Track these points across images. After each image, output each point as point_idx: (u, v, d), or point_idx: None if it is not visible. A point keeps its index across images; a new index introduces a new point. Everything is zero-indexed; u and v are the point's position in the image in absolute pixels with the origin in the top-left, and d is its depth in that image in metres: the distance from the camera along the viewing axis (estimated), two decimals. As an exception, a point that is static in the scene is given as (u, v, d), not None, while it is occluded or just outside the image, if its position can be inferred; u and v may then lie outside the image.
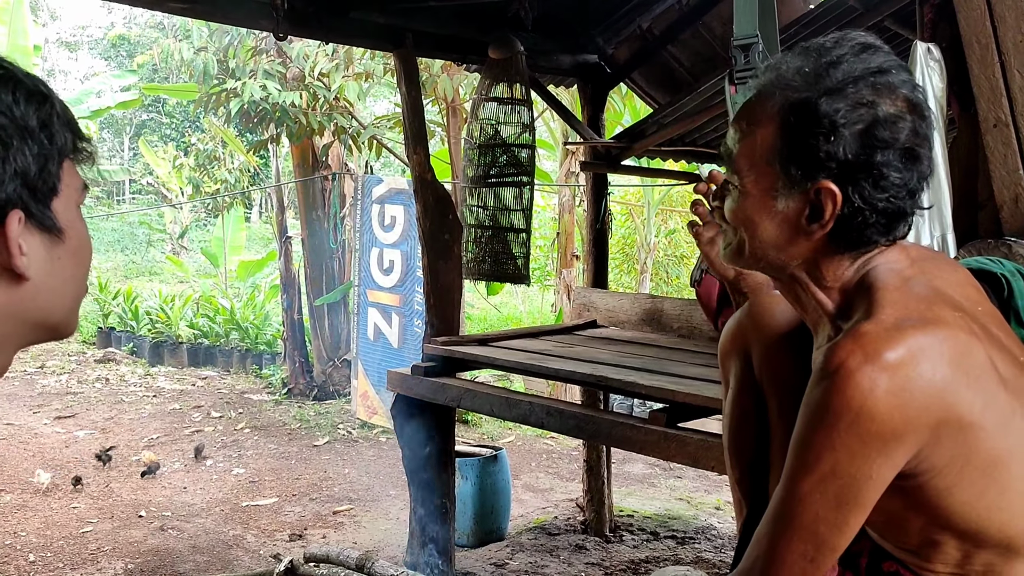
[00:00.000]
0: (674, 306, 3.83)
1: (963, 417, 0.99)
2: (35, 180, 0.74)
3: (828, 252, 1.10)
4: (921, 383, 0.98)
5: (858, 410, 0.97)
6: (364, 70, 6.81)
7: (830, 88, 1.05)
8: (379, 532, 4.54)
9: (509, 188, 3.69)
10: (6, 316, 0.75)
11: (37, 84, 0.77)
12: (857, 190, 1.05)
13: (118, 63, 19.10)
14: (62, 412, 6.92)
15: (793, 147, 1.07)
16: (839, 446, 0.99)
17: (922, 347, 0.99)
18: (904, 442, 0.99)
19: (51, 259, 0.77)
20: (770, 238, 1.12)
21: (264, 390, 7.88)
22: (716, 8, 3.94)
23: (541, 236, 9.80)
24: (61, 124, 0.77)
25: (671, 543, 4.37)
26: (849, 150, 1.04)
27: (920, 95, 1.08)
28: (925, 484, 1.03)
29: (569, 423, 2.88)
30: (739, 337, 1.38)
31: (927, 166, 1.08)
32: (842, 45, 1.08)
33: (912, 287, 1.07)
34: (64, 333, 0.83)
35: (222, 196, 11.36)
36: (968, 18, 2.13)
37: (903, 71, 1.08)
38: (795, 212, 1.08)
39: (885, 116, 1.03)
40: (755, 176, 1.11)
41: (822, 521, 1.02)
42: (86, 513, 4.71)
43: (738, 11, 2.11)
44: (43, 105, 0.76)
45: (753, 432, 1.37)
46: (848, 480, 1.00)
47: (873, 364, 0.97)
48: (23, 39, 8.09)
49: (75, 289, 0.81)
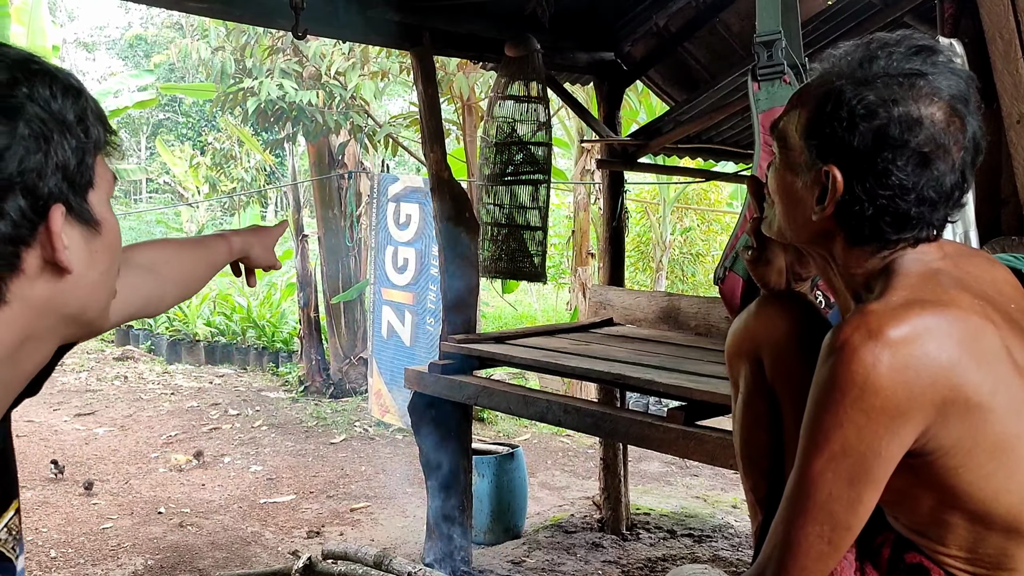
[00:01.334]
0: (691, 304, 3.82)
1: (970, 398, 1.00)
2: (74, 173, 0.74)
3: (849, 242, 1.13)
4: (926, 360, 0.99)
5: (862, 385, 0.99)
6: (380, 69, 6.82)
7: (861, 79, 1.09)
8: (396, 529, 4.56)
9: (525, 186, 3.69)
10: (49, 309, 0.76)
11: (70, 79, 0.77)
12: (859, 181, 1.08)
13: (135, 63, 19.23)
14: (81, 409, 6.98)
15: (817, 128, 1.12)
16: (846, 422, 1.01)
17: (928, 326, 1.00)
18: (910, 419, 1.00)
19: (89, 252, 0.77)
20: (789, 214, 1.18)
21: (281, 388, 7.91)
22: (733, 5, 3.92)
23: (556, 234, 9.80)
24: (95, 118, 0.78)
25: (688, 541, 4.36)
26: (860, 141, 1.07)
27: (960, 107, 1.08)
28: (933, 463, 1.03)
29: (586, 421, 2.88)
30: (748, 339, 1.36)
31: (948, 178, 1.08)
32: (899, 44, 1.11)
33: (935, 276, 1.09)
34: (99, 328, 0.83)
35: (238, 195, 11.42)
36: (991, 13, 2.11)
37: (950, 80, 1.08)
38: (808, 191, 1.14)
39: (902, 116, 1.06)
40: (787, 151, 1.17)
41: (836, 500, 1.03)
42: (106, 509, 4.75)
43: (761, 8, 2.10)
44: (78, 99, 0.76)
45: (767, 437, 1.35)
46: (858, 457, 1.01)
47: (876, 340, 0.99)
48: (42, 39, 8.15)
49: (109, 283, 0.81)
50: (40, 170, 0.71)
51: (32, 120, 0.71)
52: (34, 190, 0.71)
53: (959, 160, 1.08)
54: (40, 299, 0.74)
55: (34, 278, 0.73)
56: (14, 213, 0.70)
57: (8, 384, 0.78)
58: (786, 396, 1.31)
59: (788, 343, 1.30)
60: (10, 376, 0.77)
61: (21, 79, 0.72)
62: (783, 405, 1.32)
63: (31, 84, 0.72)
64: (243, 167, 11.72)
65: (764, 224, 1.27)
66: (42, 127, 0.72)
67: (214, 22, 6.79)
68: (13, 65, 0.73)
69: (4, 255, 0.71)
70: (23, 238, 0.71)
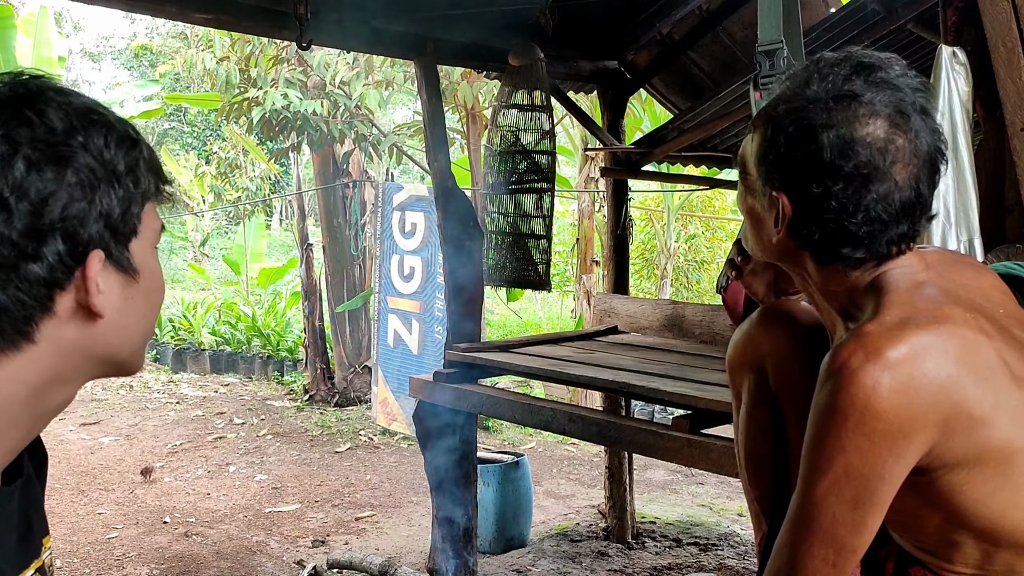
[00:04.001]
0: (695, 312, 3.82)
1: (972, 414, 0.99)
2: (117, 222, 0.76)
3: (817, 262, 1.13)
4: (925, 381, 0.98)
5: (863, 409, 0.98)
6: (384, 78, 6.84)
7: (798, 105, 1.09)
8: (401, 538, 4.55)
9: (529, 194, 3.69)
10: (78, 352, 0.76)
11: (127, 129, 0.79)
12: (803, 206, 1.09)
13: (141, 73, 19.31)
14: (87, 419, 6.99)
15: (764, 154, 1.13)
16: (849, 447, 1.00)
17: (925, 345, 1.00)
18: (913, 440, 0.99)
19: (125, 298, 0.78)
20: (756, 234, 1.20)
21: (286, 397, 7.92)
22: (736, 13, 3.92)
23: (560, 242, 9.79)
24: (147, 168, 0.79)
25: (694, 550, 4.34)
26: (798, 166, 1.08)
27: (901, 122, 1.06)
28: (937, 480, 1.03)
29: (592, 429, 2.87)
30: (750, 349, 1.35)
31: (896, 195, 1.06)
32: (840, 64, 1.10)
33: (923, 290, 1.08)
34: (130, 370, 0.84)
35: (243, 204, 11.44)
36: (994, 21, 2.11)
37: (892, 96, 1.07)
38: (767, 214, 1.14)
39: (835, 141, 1.05)
40: (745, 175, 1.18)
41: (840, 523, 1.02)
42: (112, 519, 4.75)
43: (762, 16, 2.10)
44: (132, 150, 0.78)
45: (771, 447, 1.34)
46: (862, 480, 1.00)
47: (875, 363, 0.98)
48: (48, 50, 8.20)
49: (144, 328, 0.82)
50: (83, 217, 0.73)
51: (81, 169, 0.73)
52: (74, 236, 0.72)
53: (909, 175, 1.06)
54: (70, 341, 0.75)
55: (66, 320, 0.74)
56: (51, 257, 0.71)
57: (32, 422, 0.78)
58: (790, 405, 1.31)
59: (791, 352, 1.30)
60: (35, 414, 0.77)
61: (78, 128, 0.74)
62: (787, 414, 1.32)
63: (87, 134, 0.74)
64: (248, 176, 11.76)
65: (744, 242, 1.28)
66: (90, 176, 0.74)
67: (219, 32, 6.82)
68: (74, 114, 0.74)
69: (38, 296, 0.72)
70: (58, 281, 0.72)
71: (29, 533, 0.85)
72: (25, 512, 0.84)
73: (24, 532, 0.84)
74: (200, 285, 13.85)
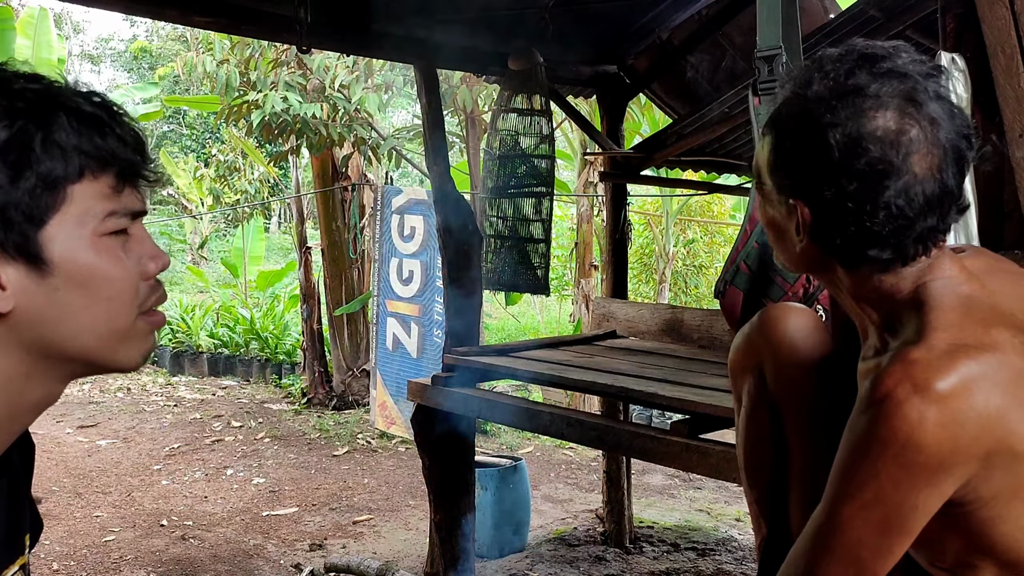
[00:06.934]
0: (694, 316, 3.82)
1: (1015, 447, 0.96)
2: (6, 209, 0.70)
3: (845, 267, 1.09)
4: (972, 415, 0.94)
5: (904, 442, 0.94)
6: (384, 82, 6.85)
7: (802, 107, 1.05)
8: (399, 542, 4.54)
9: (528, 199, 3.70)
10: (18, 348, 0.73)
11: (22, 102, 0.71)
12: (821, 210, 1.04)
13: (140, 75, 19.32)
14: (84, 421, 6.98)
15: (776, 162, 1.09)
16: (884, 476, 0.96)
17: (974, 377, 0.95)
18: (952, 473, 0.95)
19: (46, 290, 0.73)
20: (780, 245, 1.15)
21: (284, 400, 7.91)
22: (736, 19, 3.93)
23: (559, 246, 9.80)
24: (60, 146, 0.72)
25: (691, 555, 4.34)
26: (810, 171, 1.03)
27: (913, 110, 1.01)
28: (971, 514, 1.00)
29: (590, 434, 2.87)
30: (751, 352, 1.35)
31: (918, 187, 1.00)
32: (841, 59, 1.05)
33: (969, 307, 1.02)
34: (112, 366, 0.79)
35: (242, 207, 11.44)
36: (993, 27, 2.12)
37: (900, 85, 1.01)
38: (788, 222, 1.10)
39: (842, 140, 1.00)
40: (762, 186, 1.14)
41: (864, 546, 1.00)
42: (108, 522, 4.74)
43: (762, 22, 2.10)
44: (31, 124, 0.70)
45: (770, 450, 1.34)
46: (893, 508, 0.97)
47: (923, 396, 0.93)
48: (48, 52, 8.19)
49: (96, 320, 0.76)
50: None
51: None
52: None
53: (930, 166, 1.00)
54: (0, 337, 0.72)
55: None
56: None
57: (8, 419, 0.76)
58: (788, 409, 1.30)
59: (790, 356, 1.29)
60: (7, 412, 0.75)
61: None
62: (785, 418, 1.31)
63: None
64: (247, 179, 11.75)
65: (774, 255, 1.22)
66: None
67: (219, 35, 6.82)
68: None
69: None
70: None
71: (14, 530, 0.84)
72: (11, 509, 0.83)
73: (9, 529, 0.82)
74: (198, 288, 13.83)
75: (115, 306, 0.77)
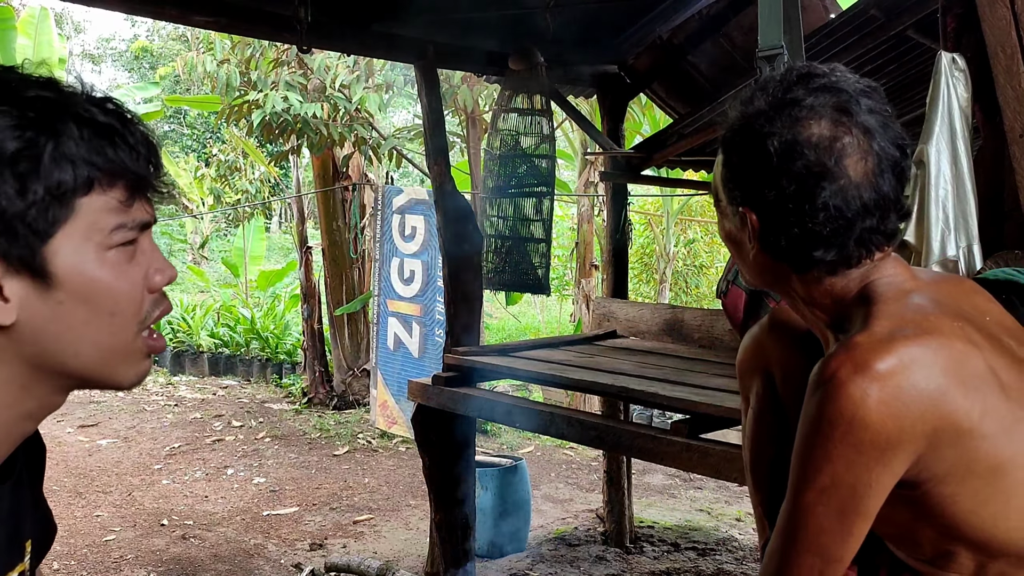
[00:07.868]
0: (694, 316, 3.82)
1: (960, 424, 1.00)
2: (12, 221, 0.68)
3: (796, 272, 1.14)
4: (914, 392, 0.99)
5: (850, 420, 0.99)
6: (384, 81, 6.85)
7: (744, 122, 1.12)
8: (399, 542, 4.55)
9: (529, 198, 3.70)
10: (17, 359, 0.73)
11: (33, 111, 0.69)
12: (767, 216, 1.10)
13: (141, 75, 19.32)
14: (85, 421, 6.99)
15: (726, 174, 1.16)
16: (836, 457, 1.01)
17: (914, 357, 1.00)
18: (901, 450, 1.00)
19: (50, 304, 0.71)
20: (739, 257, 1.21)
21: (284, 399, 7.91)
22: (736, 18, 3.93)
23: (560, 246, 9.81)
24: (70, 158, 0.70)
25: (692, 555, 4.34)
26: (753, 179, 1.10)
27: (845, 119, 1.07)
28: (929, 492, 1.03)
29: (590, 433, 2.87)
30: (759, 353, 1.36)
31: (854, 192, 1.06)
32: (780, 79, 1.12)
33: (911, 299, 1.08)
34: (104, 381, 0.78)
35: (243, 207, 11.44)
36: (993, 27, 2.12)
37: (832, 97, 1.08)
38: (742, 233, 1.16)
39: (779, 147, 1.07)
40: (718, 201, 1.21)
41: (826, 532, 1.04)
42: (109, 521, 4.75)
43: (763, 22, 2.10)
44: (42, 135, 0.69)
45: (775, 452, 1.34)
46: (848, 490, 1.01)
47: (863, 374, 0.99)
48: (48, 52, 8.19)
49: (93, 336, 0.74)
50: None
51: None
52: None
53: (866, 170, 1.07)
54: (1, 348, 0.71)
55: None
56: None
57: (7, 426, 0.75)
58: (795, 412, 1.31)
59: (798, 359, 1.30)
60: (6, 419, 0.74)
61: None
62: (793, 420, 1.32)
63: None
64: (248, 179, 11.76)
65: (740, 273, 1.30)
66: None
67: (220, 35, 6.82)
68: None
69: None
70: None
71: (16, 536, 0.83)
72: (13, 514, 0.82)
73: (11, 534, 0.81)
74: (199, 287, 13.83)
75: (118, 321, 0.75)
